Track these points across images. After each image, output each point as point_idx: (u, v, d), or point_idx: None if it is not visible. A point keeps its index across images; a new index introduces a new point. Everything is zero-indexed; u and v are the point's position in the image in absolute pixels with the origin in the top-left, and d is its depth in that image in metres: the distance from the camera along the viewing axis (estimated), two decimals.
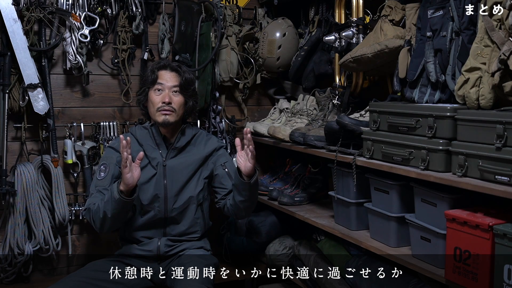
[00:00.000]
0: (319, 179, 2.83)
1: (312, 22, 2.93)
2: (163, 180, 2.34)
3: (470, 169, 1.66)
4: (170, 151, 2.38)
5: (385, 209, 2.08)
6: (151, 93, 2.35)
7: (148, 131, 2.40)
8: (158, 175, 2.34)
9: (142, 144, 2.38)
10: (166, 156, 2.37)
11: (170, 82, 2.34)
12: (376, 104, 2.07)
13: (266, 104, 3.26)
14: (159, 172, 2.34)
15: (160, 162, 2.35)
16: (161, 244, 2.33)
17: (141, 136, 2.40)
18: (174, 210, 2.34)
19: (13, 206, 2.56)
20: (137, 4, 2.75)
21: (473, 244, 1.61)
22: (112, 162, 2.33)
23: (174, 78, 2.36)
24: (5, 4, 2.45)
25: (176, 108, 2.33)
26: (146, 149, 2.36)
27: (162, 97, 2.32)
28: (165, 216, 2.34)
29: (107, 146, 2.53)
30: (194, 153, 2.42)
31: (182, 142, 2.40)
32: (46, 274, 2.79)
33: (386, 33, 2.14)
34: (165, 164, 2.35)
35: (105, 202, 2.16)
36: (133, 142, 2.37)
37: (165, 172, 2.35)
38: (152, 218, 2.34)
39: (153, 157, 2.36)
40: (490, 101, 1.65)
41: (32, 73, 2.52)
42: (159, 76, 2.35)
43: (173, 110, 2.33)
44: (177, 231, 2.36)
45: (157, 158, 2.36)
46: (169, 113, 2.32)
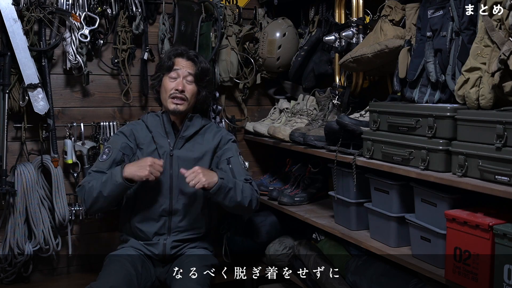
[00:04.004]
0: (319, 179, 2.83)
1: (312, 22, 2.93)
2: (169, 170, 2.35)
3: (470, 169, 1.65)
4: (178, 141, 2.39)
5: (385, 209, 2.08)
6: (165, 79, 2.37)
7: (159, 118, 2.42)
8: (164, 164, 2.33)
9: (152, 131, 2.40)
10: (173, 146, 2.38)
11: (186, 70, 2.36)
12: (376, 104, 2.07)
13: (266, 104, 3.26)
14: (166, 162, 2.35)
15: (167, 152, 2.37)
16: (167, 246, 2.33)
17: (151, 123, 2.42)
18: (180, 201, 2.34)
19: (13, 206, 2.56)
20: (137, 4, 2.75)
21: (473, 244, 1.61)
22: (116, 147, 2.35)
23: (190, 66, 2.38)
24: (5, 4, 2.45)
25: (188, 97, 2.35)
26: (155, 135, 2.39)
27: (176, 84, 2.35)
28: (170, 207, 2.34)
29: (117, 131, 2.54)
30: (202, 144, 2.42)
31: (190, 131, 2.40)
32: (46, 274, 2.79)
33: (386, 33, 2.14)
34: (172, 153, 2.37)
35: (103, 182, 2.21)
36: (143, 128, 2.42)
37: (172, 161, 2.36)
38: (157, 209, 2.33)
39: (161, 145, 2.37)
40: (490, 101, 1.65)
41: (32, 73, 2.52)
42: (175, 63, 2.37)
43: (185, 99, 2.35)
44: (181, 224, 2.36)
45: (165, 147, 2.37)
46: (181, 103, 2.35)
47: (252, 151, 3.24)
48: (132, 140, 2.40)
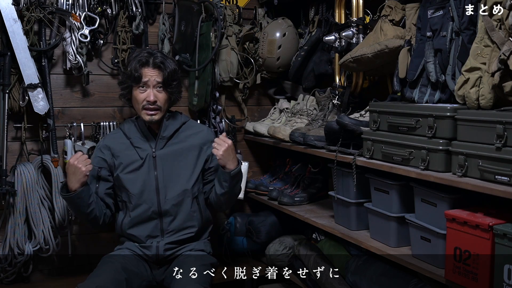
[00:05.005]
0: (319, 179, 2.83)
1: (312, 22, 2.93)
2: (154, 172, 2.35)
3: (470, 169, 1.66)
4: (159, 141, 2.38)
5: (385, 209, 2.08)
6: (135, 90, 2.33)
7: (134, 124, 2.42)
8: (148, 166, 2.34)
9: (130, 137, 2.40)
10: (155, 147, 2.37)
11: (154, 79, 2.31)
12: (376, 104, 2.07)
13: (266, 104, 3.26)
14: (149, 164, 2.35)
15: (149, 154, 2.36)
16: (160, 248, 2.33)
17: (128, 130, 2.42)
18: (168, 202, 2.33)
19: (13, 206, 2.56)
20: (137, 4, 2.75)
21: (473, 244, 1.61)
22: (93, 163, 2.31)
23: (157, 74, 2.31)
24: (5, 4, 2.45)
25: (161, 105, 2.33)
26: (134, 141, 2.38)
27: (146, 95, 2.31)
28: (159, 209, 2.34)
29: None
30: (184, 141, 2.41)
31: (169, 130, 2.39)
32: (46, 274, 2.79)
33: (386, 33, 2.14)
34: (155, 155, 2.36)
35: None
36: (121, 136, 2.42)
37: (155, 163, 2.35)
38: (146, 212, 2.33)
39: (143, 148, 2.37)
40: (490, 101, 1.65)
41: (32, 73, 2.52)
42: (142, 74, 2.30)
43: (158, 108, 2.33)
44: (173, 225, 2.35)
45: (147, 150, 2.37)
46: (155, 112, 2.33)
47: (252, 151, 3.24)
48: (105, 151, 2.39)
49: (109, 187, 2.39)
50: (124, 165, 2.36)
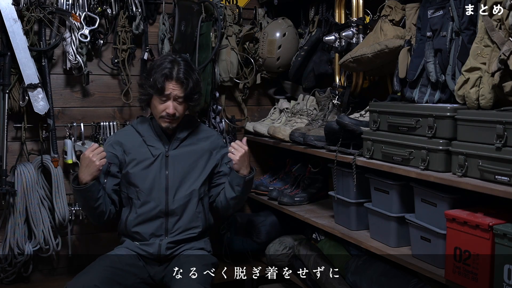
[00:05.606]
0: (319, 179, 2.83)
1: (312, 22, 2.93)
2: (165, 171, 2.37)
3: (470, 169, 1.65)
4: (173, 142, 2.41)
5: (385, 209, 2.08)
6: (155, 99, 2.34)
7: (148, 123, 2.44)
8: (160, 165, 2.36)
9: (143, 135, 2.41)
10: (169, 147, 2.40)
11: (175, 94, 2.31)
12: (376, 104, 2.07)
13: (266, 104, 3.26)
14: (161, 162, 2.37)
15: (162, 153, 2.38)
16: (162, 246, 2.33)
17: (142, 128, 2.44)
18: (176, 202, 2.35)
19: (13, 206, 2.56)
20: (137, 4, 2.75)
21: (473, 244, 1.61)
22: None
23: (179, 89, 2.31)
24: (5, 4, 2.45)
25: (179, 116, 2.36)
26: (147, 139, 2.40)
27: (165, 106, 2.32)
28: (166, 209, 2.35)
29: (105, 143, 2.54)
30: (195, 144, 2.45)
31: (184, 132, 2.43)
32: (46, 274, 2.79)
33: (386, 33, 2.14)
34: (168, 154, 2.38)
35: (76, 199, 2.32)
36: (133, 133, 2.43)
37: (167, 162, 2.37)
38: (153, 210, 2.34)
39: (155, 147, 2.39)
40: (490, 101, 1.65)
41: (32, 73, 2.52)
42: (165, 87, 2.29)
43: (177, 119, 2.35)
44: (178, 225, 2.36)
45: (160, 149, 2.39)
46: (173, 121, 2.36)
47: (252, 151, 3.22)
48: (117, 147, 2.40)
49: (117, 183, 2.40)
50: (137, 161, 2.37)
